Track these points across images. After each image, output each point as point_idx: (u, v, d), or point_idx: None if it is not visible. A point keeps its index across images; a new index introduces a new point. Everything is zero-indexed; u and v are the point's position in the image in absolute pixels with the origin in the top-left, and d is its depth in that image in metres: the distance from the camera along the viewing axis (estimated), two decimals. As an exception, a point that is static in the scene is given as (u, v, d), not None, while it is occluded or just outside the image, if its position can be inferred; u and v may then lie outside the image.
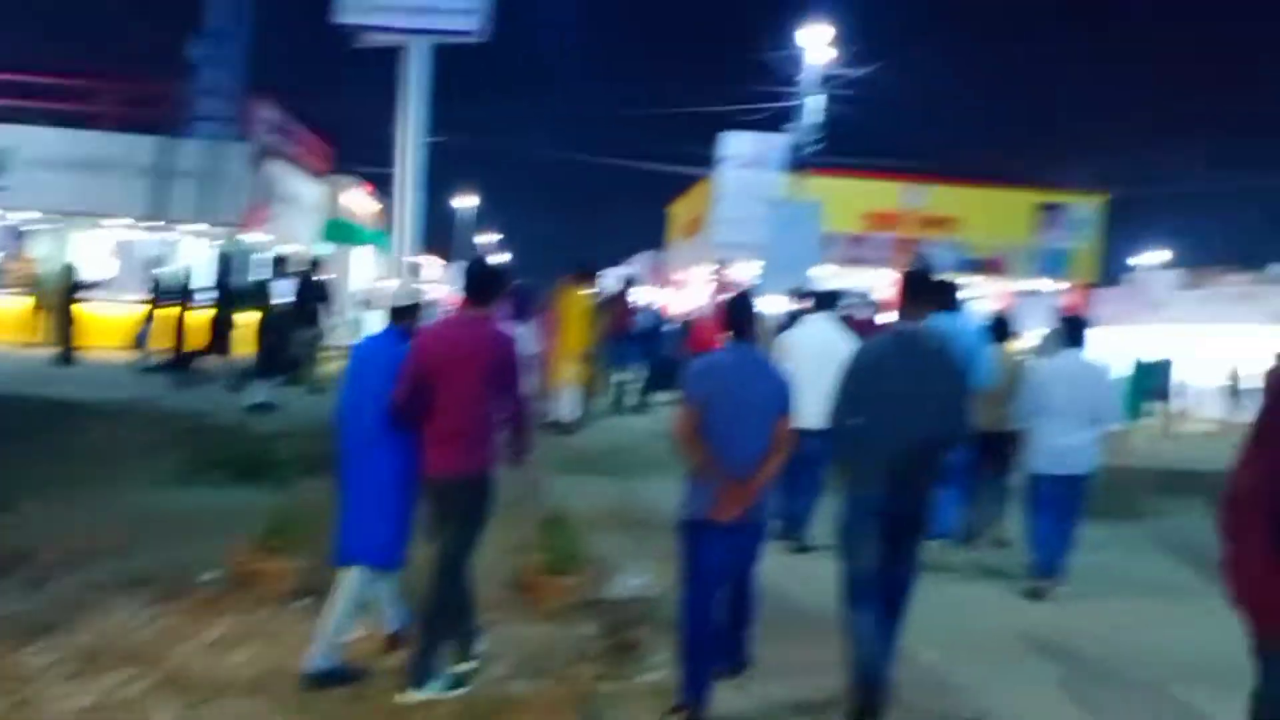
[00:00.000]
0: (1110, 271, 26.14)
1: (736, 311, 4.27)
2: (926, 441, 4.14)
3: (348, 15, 6.91)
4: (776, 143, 18.97)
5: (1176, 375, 16.67)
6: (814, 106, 16.95)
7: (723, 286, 20.14)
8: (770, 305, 16.65)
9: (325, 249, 25.81)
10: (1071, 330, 6.56)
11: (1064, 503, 6.23)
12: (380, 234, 22.35)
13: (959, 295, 7.20)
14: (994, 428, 6.68)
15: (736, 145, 19.50)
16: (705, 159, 20.47)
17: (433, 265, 35.39)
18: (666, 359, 13.43)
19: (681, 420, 4.06)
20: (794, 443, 4.15)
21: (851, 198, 20.03)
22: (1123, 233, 21.21)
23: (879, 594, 4.15)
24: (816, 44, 17.39)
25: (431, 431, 3.97)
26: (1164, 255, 42.06)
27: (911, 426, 4.08)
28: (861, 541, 4.14)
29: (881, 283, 21.17)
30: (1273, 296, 23.42)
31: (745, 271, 18.84)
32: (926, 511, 4.26)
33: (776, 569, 5.11)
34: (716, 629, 4.14)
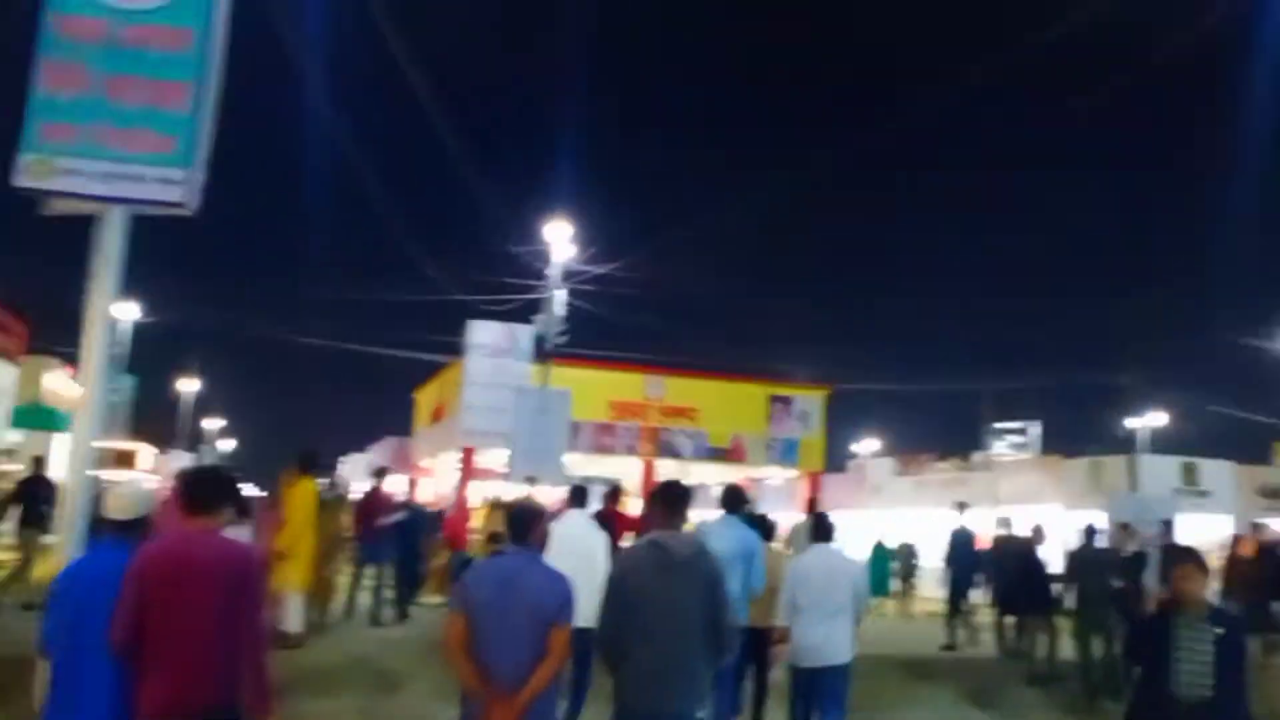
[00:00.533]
0: (833, 459, 27.99)
1: (518, 517, 4.23)
2: (686, 650, 4.12)
3: (27, 179, 6.07)
4: (523, 333, 19.11)
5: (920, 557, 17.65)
6: (559, 299, 17.26)
7: (469, 474, 19.56)
8: (516, 492, 16.37)
9: (15, 437, 22.74)
10: (819, 525, 6.91)
11: (827, 693, 6.38)
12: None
13: (743, 498, 7.31)
14: (760, 624, 6.83)
15: (484, 334, 19.47)
16: (452, 347, 20.27)
17: (145, 453, 32.18)
18: (416, 554, 12.57)
19: (448, 629, 3.88)
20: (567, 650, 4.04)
21: (598, 387, 20.42)
22: (841, 423, 22.96)
23: None
24: (560, 240, 17.94)
25: (154, 666, 3.30)
26: (875, 444, 46.14)
27: (671, 635, 4.08)
28: None
29: (629, 470, 21.64)
30: (976, 481, 26.02)
31: (493, 459, 18.39)
32: (691, 715, 4.16)
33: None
34: None
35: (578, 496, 7.86)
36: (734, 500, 6.95)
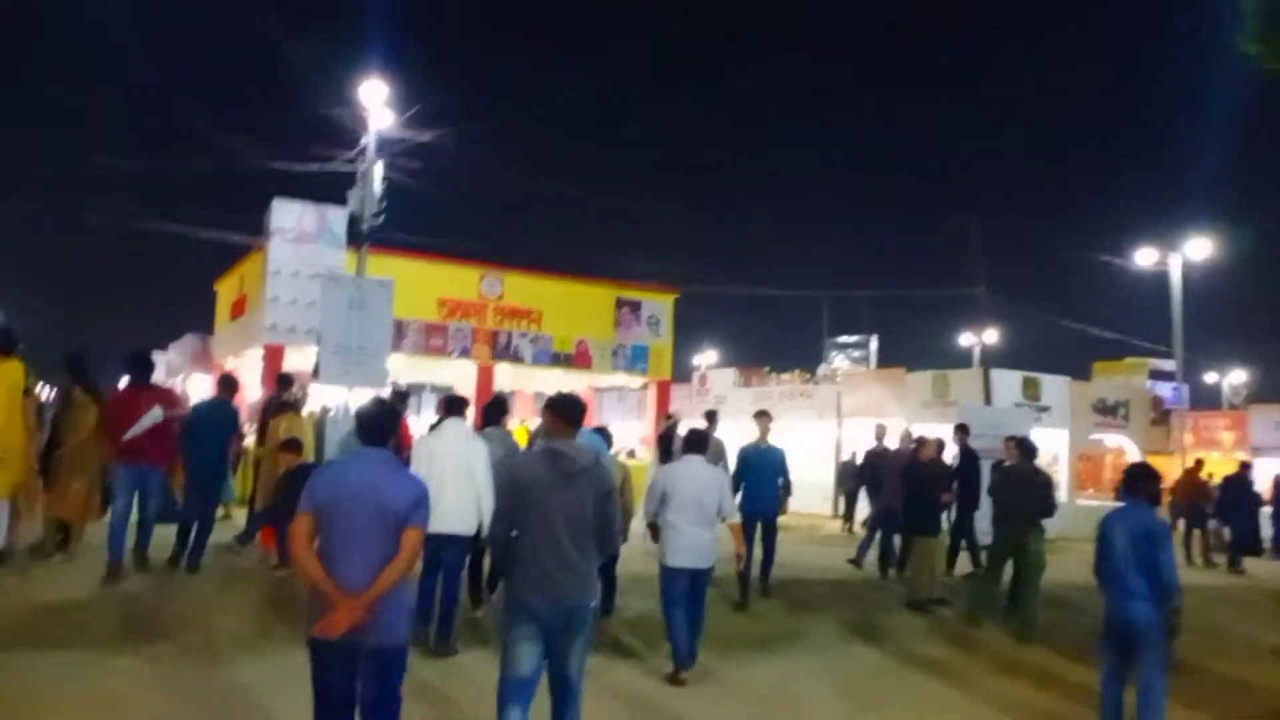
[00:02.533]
0: (677, 369, 26.70)
1: (370, 419, 4.27)
2: (581, 550, 4.50)
3: None
4: (335, 215, 16.46)
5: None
6: (376, 173, 14.68)
7: (274, 375, 16.97)
8: (328, 396, 14.11)
9: None
10: (692, 439, 7.62)
11: (695, 595, 7.19)
12: None
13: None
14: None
15: (288, 215, 16.68)
16: (255, 227, 17.34)
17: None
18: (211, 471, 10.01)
19: (296, 527, 3.96)
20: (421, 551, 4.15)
21: (425, 283, 18.14)
22: (681, 333, 21.44)
23: (529, 696, 4.47)
24: (377, 103, 15.27)
25: None
26: (713, 356, 45.62)
27: (569, 536, 4.45)
28: (518, 646, 4.44)
29: (462, 375, 19.65)
30: (819, 394, 25.41)
31: (301, 359, 15.91)
32: (584, 613, 4.52)
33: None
34: None
35: (455, 406, 7.83)
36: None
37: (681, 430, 10.62)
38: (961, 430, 12.95)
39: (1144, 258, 23.91)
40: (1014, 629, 9.01)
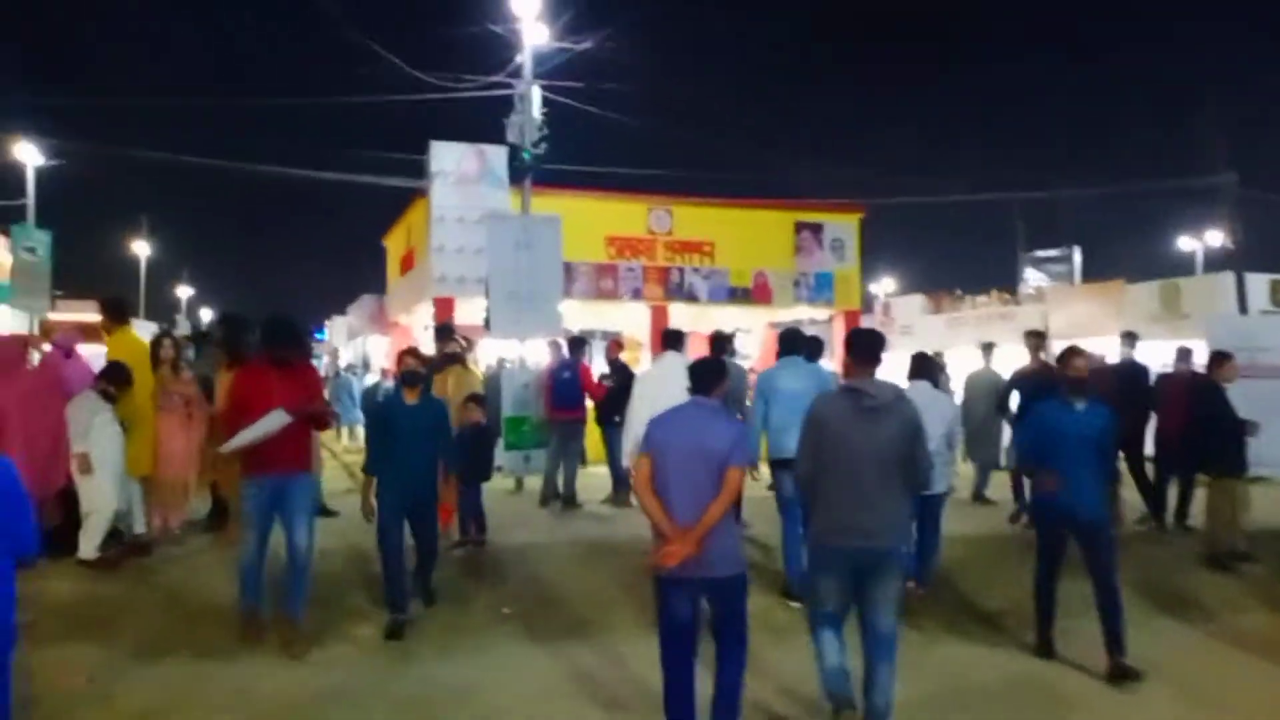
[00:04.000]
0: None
1: (701, 371, 4.50)
2: (886, 489, 4.37)
3: None
4: (495, 154, 15.51)
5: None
6: (534, 97, 13.53)
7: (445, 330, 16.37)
8: (503, 349, 13.32)
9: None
10: (920, 364, 7.33)
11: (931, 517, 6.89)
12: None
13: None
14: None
15: (448, 158, 15.87)
16: (418, 169, 16.62)
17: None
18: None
19: (637, 469, 4.35)
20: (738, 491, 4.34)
21: (590, 221, 17.02)
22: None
23: (839, 626, 4.52)
24: (530, 17, 14.06)
25: None
26: (891, 284, 43.03)
27: (872, 476, 4.34)
28: (822, 587, 4.50)
29: (635, 318, 18.61)
30: (1023, 315, 23.00)
31: (472, 310, 15.18)
32: (890, 558, 4.38)
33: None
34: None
35: (672, 340, 7.96)
36: (796, 342, 7.43)
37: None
38: (1129, 339, 10.62)
39: None
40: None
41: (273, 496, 5.85)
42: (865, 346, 4.60)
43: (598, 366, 12.53)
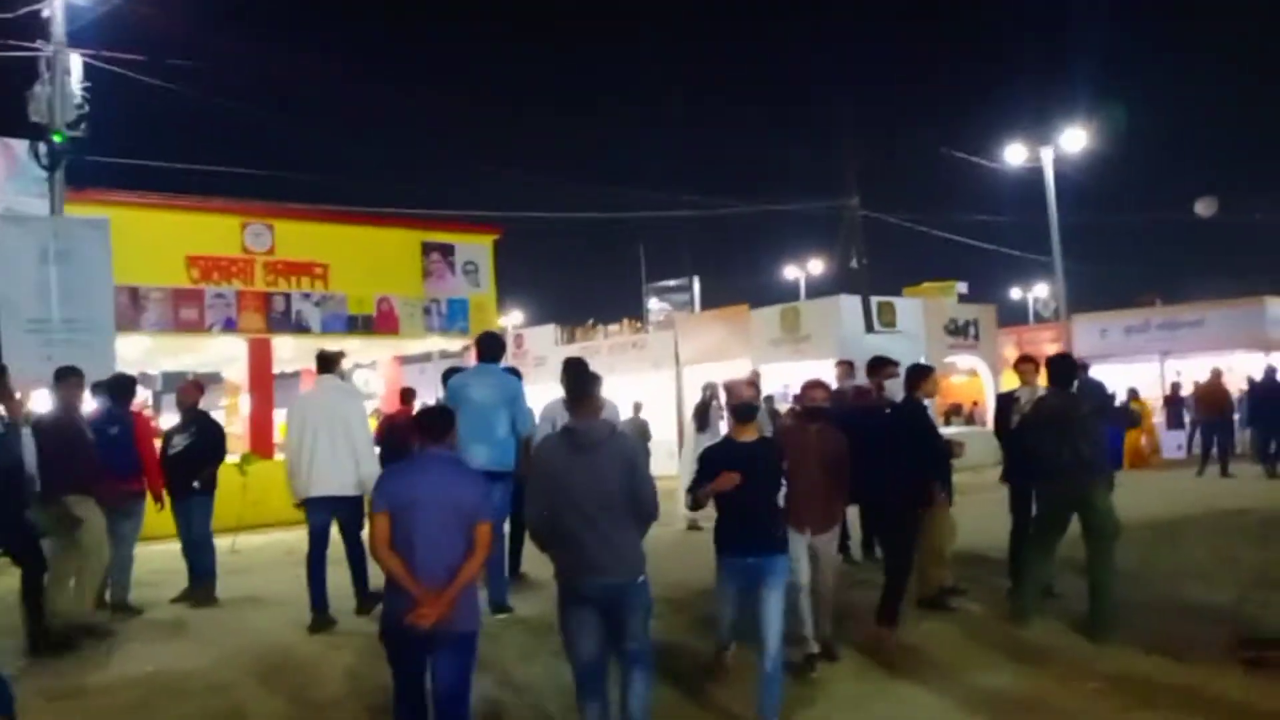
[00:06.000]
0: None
1: (431, 418, 4.46)
2: (616, 525, 4.31)
3: None
4: (21, 147, 11.78)
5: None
6: (74, 64, 10.32)
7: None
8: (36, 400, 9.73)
9: None
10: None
11: None
12: None
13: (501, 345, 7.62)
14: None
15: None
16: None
17: None
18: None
19: (374, 528, 4.15)
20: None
21: (166, 236, 13.77)
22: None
23: (603, 680, 4.45)
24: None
25: None
26: (518, 316, 42.22)
27: (600, 513, 4.29)
28: (574, 631, 4.40)
29: (231, 353, 15.47)
30: (654, 344, 22.83)
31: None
32: (632, 589, 4.38)
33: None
34: None
35: (326, 363, 7.35)
36: (492, 349, 7.32)
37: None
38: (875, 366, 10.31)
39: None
40: (1091, 624, 6.46)
41: None
42: (574, 384, 4.82)
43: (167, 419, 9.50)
